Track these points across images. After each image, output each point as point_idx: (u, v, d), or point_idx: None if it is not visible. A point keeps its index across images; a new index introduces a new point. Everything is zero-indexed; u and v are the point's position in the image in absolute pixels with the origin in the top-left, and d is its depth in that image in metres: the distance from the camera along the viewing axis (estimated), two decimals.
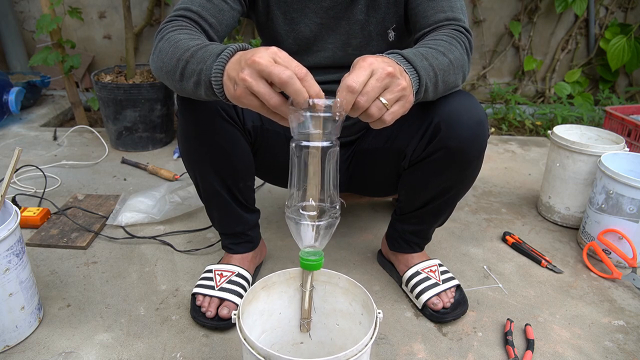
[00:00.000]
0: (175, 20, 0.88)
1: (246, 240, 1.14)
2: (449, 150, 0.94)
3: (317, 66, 1.05)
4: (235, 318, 0.72)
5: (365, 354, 0.68)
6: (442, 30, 0.90)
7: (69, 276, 1.20)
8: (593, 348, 1.02)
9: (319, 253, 0.74)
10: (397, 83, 0.67)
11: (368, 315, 0.78)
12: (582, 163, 1.41)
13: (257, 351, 0.66)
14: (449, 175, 0.99)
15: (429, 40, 0.85)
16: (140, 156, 1.92)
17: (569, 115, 2.41)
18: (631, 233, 1.24)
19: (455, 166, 0.97)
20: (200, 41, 0.78)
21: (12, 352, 0.97)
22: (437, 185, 1.02)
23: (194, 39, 0.80)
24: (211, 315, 1.03)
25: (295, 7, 1.00)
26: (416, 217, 1.12)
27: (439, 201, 1.06)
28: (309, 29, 1.02)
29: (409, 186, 1.07)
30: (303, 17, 1.00)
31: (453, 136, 0.93)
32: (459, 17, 0.93)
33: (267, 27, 1.04)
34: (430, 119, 0.95)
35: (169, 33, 0.84)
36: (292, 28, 1.01)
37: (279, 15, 1.01)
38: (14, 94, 2.14)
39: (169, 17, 0.90)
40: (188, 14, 0.89)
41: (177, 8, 0.91)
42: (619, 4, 2.62)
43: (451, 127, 0.93)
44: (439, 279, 1.11)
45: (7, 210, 0.99)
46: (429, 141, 0.96)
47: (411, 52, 0.77)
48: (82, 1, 2.57)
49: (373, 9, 1.00)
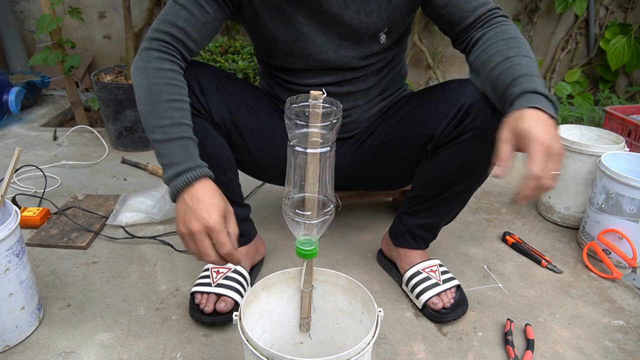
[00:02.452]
0: (158, 50, 0.90)
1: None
2: (478, 131, 0.96)
3: (310, 68, 1.05)
4: (237, 319, 0.72)
5: (367, 353, 0.68)
6: (496, 26, 0.94)
7: (69, 276, 1.20)
8: (593, 348, 1.03)
9: (314, 242, 0.74)
10: (561, 152, 0.75)
11: (369, 314, 0.78)
12: (582, 163, 1.41)
13: (260, 352, 0.66)
14: (472, 159, 1.00)
15: (515, 51, 0.89)
16: (140, 156, 1.92)
17: (569, 115, 2.41)
18: (631, 233, 1.24)
19: (480, 149, 0.98)
20: (168, 117, 0.85)
21: (12, 352, 0.97)
22: (458, 170, 1.02)
23: (167, 101, 0.86)
24: (209, 311, 1.03)
25: (283, 10, 0.98)
26: (428, 208, 1.12)
27: (455, 189, 1.05)
28: (297, 32, 1.00)
29: (429, 172, 1.07)
30: (291, 20, 0.99)
31: (484, 118, 0.95)
32: (493, 5, 0.97)
33: (257, 30, 1.03)
34: (462, 102, 0.97)
35: (148, 72, 0.88)
36: (281, 32, 1.00)
37: (267, 19, 0.99)
38: (14, 94, 2.14)
39: (153, 35, 0.91)
40: (173, 31, 0.91)
41: (162, 21, 0.92)
42: (619, 4, 2.62)
43: (483, 108, 0.95)
44: (440, 279, 1.11)
45: (7, 210, 0.99)
46: (459, 123, 0.98)
47: (543, 89, 0.81)
48: (82, 1, 2.57)
49: (364, 14, 0.99)
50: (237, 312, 0.74)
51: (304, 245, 0.74)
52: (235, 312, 0.74)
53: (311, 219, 0.72)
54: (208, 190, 0.80)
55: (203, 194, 0.79)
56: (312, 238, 0.74)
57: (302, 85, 1.08)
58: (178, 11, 0.92)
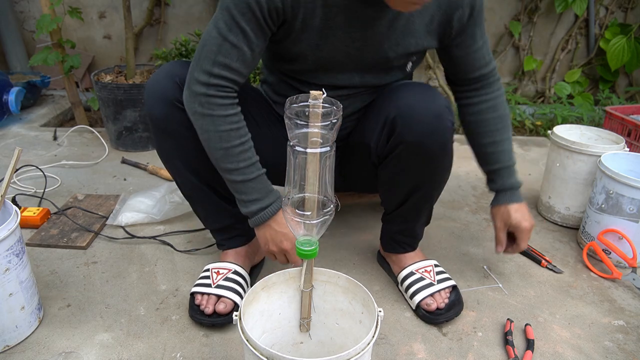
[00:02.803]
0: (219, 97, 0.90)
1: (237, 234, 1.14)
2: (408, 145, 0.96)
3: (331, 85, 1.03)
4: (237, 319, 0.72)
5: (367, 353, 0.68)
6: (492, 94, 1.11)
7: (69, 276, 1.20)
8: (593, 348, 1.02)
9: (314, 242, 0.74)
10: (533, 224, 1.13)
11: (369, 314, 0.78)
12: (582, 163, 1.41)
13: (260, 352, 0.66)
14: (416, 171, 1.01)
15: (501, 135, 1.11)
16: (140, 156, 1.92)
17: (569, 115, 2.41)
18: (631, 233, 1.24)
19: (419, 161, 0.99)
20: (243, 160, 0.94)
21: (12, 352, 0.97)
22: (407, 182, 1.03)
23: (238, 145, 0.93)
24: (209, 312, 1.03)
25: (322, 34, 0.95)
26: (399, 216, 1.13)
27: (414, 199, 1.06)
28: (331, 56, 0.99)
29: (383, 184, 1.09)
30: (329, 44, 0.97)
31: (409, 131, 0.95)
32: (494, 65, 1.11)
33: (287, 48, 0.99)
34: (387, 113, 0.97)
35: (214, 120, 0.91)
36: (314, 52, 0.98)
37: (303, 40, 0.96)
38: (14, 94, 2.14)
39: (209, 81, 0.89)
40: (228, 74, 0.90)
41: (215, 63, 0.88)
42: (619, 4, 2.62)
43: (407, 121, 0.95)
44: (434, 280, 1.11)
45: (7, 210, 0.99)
46: (389, 136, 0.98)
47: (517, 179, 1.14)
48: (82, 1, 2.57)
49: (402, 46, 0.99)
50: (237, 312, 0.74)
51: (304, 245, 0.74)
52: (235, 312, 0.74)
53: (311, 219, 0.72)
54: (284, 221, 0.95)
55: (282, 223, 0.96)
56: (312, 238, 0.74)
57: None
58: (229, 50, 0.88)
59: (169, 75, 0.99)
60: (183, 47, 2.28)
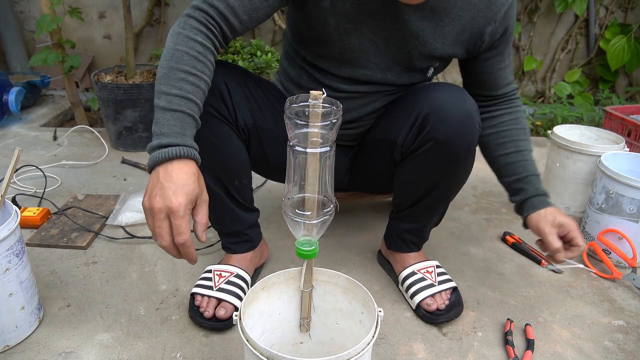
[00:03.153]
0: (198, 20, 0.85)
1: (245, 240, 1.14)
2: (437, 142, 0.96)
3: (353, 79, 1.03)
4: (237, 319, 0.72)
5: (367, 353, 0.68)
6: (512, 110, 1.12)
7: (69, 276, 1.20)
8: (593, 348, 1.02)
9: (314, 242, 0.74)
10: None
11: (369, 313, 0.78)
12: (582, 163, 1.41)
13: (260, 352, 0.66)
14: (439, 169, 1.01)
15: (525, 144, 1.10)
16: (140, 156, 1.92)
17: (569, 115, 2.41)
18: (631, 233, 1.24)
19: (444, 160, 0.98)
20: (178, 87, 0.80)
21: (12, 352, 0.97)
22: (428, 180, 1.03)
23: (183, 72, 0.81)
24: (209, 316, 1.03)
25: (351, 18, 0.94)
26: (411, 214, 1.12)
27: (431, 197, 1.06)
28: (358, 43, 0.98)
29: (402, 181, 1.08)
30: (356, 30, 0.96)
31: (441, 129, 0.95)
32: (515, 86, 1.13)
33: (316, 31, 0.98)
34: (419, 110, 0.97)
35: (178, 38, 0.83)
36: (341, 38, 0.97)
37: (331, 22, 0.95)
38: (14, 94, 2.14)
39: (199, 5, 0.85)
40: (222, 6, 0.85)
41: None
42: (619, 4, 2.62)
43: (439, 119, 0.95)
44: (435, 280, 1.11)
45: (7, 210, 0.99)
46: (418, 132, 0.98)
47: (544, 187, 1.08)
48: (82, 1, 2.57)
49: (428, 48, 0.98)
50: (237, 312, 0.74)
51: (304, 245, 0.74)
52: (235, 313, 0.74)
53: (311, 219, 0.71)
54: (185, 171, 0.75)
55: (178, 173, 0.74)
56: (312, 238, 0.74)
57: (335, 89, 1.05)
58: None
59: None
60: None
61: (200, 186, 0.77)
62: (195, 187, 0.75)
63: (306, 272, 0.80)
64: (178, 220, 0.72)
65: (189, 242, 0.74)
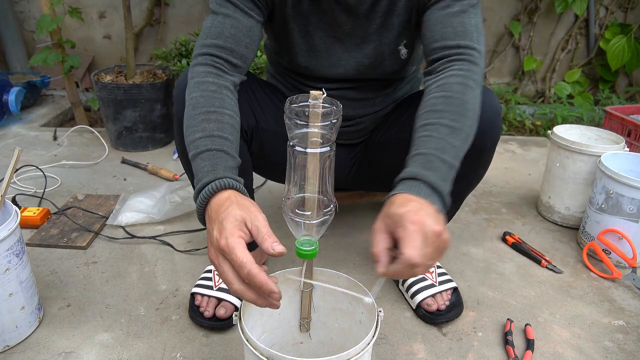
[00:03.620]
0: (203, 64, 0.86)
1: None
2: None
3: (330, 78, 1.04)
4: (237, 319, 0.72)
5: (367, 353, 0.68)
6: (451, 69, 0.84)
7: (69, 276, 1.20)
8: (593, 348, 1.02)
9: (314, 242, 0.74)
10: (444, 240, 0.65)
11: (368, 314, 0.78)
12: (582, 163, 1.41)
13: (260, 352, 0.66)
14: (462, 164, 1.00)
15: (437, 116, 0.79)
16: (140, 156, 1.92)
17: (569, 115, 2.41)
18: (631, 233, 1.24)
19: (469, 153, 0.98)
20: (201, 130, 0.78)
21: (12, 352, 0.97)
22: None
23: (203, 113, 0.80)
24: (209, 315, 1.03)
25: (312, 21, 0.97)
26: None
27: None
28: (322, 42, 1.00)
29: None
30: (317, 30, 0.98)
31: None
32: (469, 45, 0.85)
33: (284, 37, 1.02)
34: None
35: (190, 87, 0.84)
36: (306, 41, 0.99)
37: (294, 28, 0.98)
38: (14, 94, 2.14)
39: (199, 51, 0.87)
40: (220, 42, 0.87)
41: (208, 35, 0.87)
42: (619, 4, 2.62)
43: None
44: (436, 281, 1.11)
45: (7, 210, 0.99)
46: None
47: (439, 177, 0.72)
48: (82, 1, 2.57)
49: (386, 29, 0.98)
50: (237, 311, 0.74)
51: (304, 245, 0.74)
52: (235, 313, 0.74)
53: (311, 219, 0.71)
54: (220, 204, 0.68)
55: (216, 211, 0.67)
56: (312, 238, 0.74)
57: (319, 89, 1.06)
58: (222, 20, 0.87)
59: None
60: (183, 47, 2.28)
61: (242, 207, 0.68)
62: (235, 213, 0.66)
63: (306, 272, 0.80)
64: (230, 256, 0.63)
65: (253, 272, 0.62)
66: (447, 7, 0.87)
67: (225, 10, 0.88)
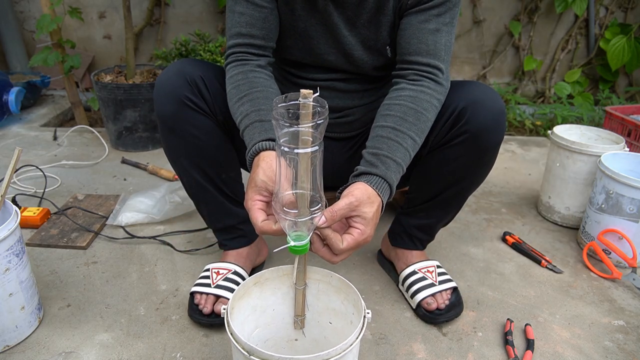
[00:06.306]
0: (230, 63, 0.98)
1: (239, 235, 1.14)
2: (471, 135, 0.97)
3: (320, 65, 1.06)
4: (224, 312, 0.73)
5: (350, 353, 0.68)
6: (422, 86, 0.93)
7: (69, 276, 1.20)
8: (593, 348, 1.02)
9: (304, 237, 0.75)
10: (368, 239, 0.81)
11: (358, 314, 0.78)
12: (582, 163, 1.41)
13: (241, 346, 0.67)
14: (464, 164, 1.01)
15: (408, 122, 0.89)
16: (140, 156, 1.92)
17: (569, 115, 2.41)
18: (631, 233, 1.24)
19: (473, 152, 0.99)
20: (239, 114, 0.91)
21: (12, 352, 0.97)
22: (451, 173, 1.03)
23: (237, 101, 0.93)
24: (207, 312, 1.03)
25: (303, 6, 0.99)
26: (425, 210, 1.12)
27: (448, 193, 1.06)
28: (314, 30, 1.01)
29: (423, 174, 1.08)
30: (310, 17, 1.00)
31: (477, 122, 0.96)
32: (437, 65, 0.94)
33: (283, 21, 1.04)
34: (455, 104, 0.98)
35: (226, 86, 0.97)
36: (299, 25, 1.01)
37: (287, 12, 1.00)
38: (14, 94, 2.14)
39: (226, 53, 0.99)
40: (240, 40, 0.97)
41: (230, 36, 0.98)
42: (619, 4, 2.62)
43: (476, 112, 0.97)
44: (436, 280, 1.11)
45: (7, 210, 0.99)
46: (453, 125, 0.99)
47: (395, 172, 0.85)
48: (82, 1, 2.57)
49: (375, 25, 0.99)
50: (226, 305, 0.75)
51: (295, 241, 0.75)
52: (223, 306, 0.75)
53: (300, 216, 0.72)
54: (256, 164, 0.81)
55: (252, 170, 0.82)
56: (303, 234, 0.74)
57: (310, 79, 1.08)
58: (237, 19, 0.96)
59: (179, 73, 0.99)
60: (183, 47, 2.28)
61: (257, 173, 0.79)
62: (257, 179, 0.78)
63: (299, 268, 0.80)
64: (249, 214, 0.78)
65: (260, 230, 0.77)
66: (425, 21, 0.94)
67: (240, 8, 0.97)
